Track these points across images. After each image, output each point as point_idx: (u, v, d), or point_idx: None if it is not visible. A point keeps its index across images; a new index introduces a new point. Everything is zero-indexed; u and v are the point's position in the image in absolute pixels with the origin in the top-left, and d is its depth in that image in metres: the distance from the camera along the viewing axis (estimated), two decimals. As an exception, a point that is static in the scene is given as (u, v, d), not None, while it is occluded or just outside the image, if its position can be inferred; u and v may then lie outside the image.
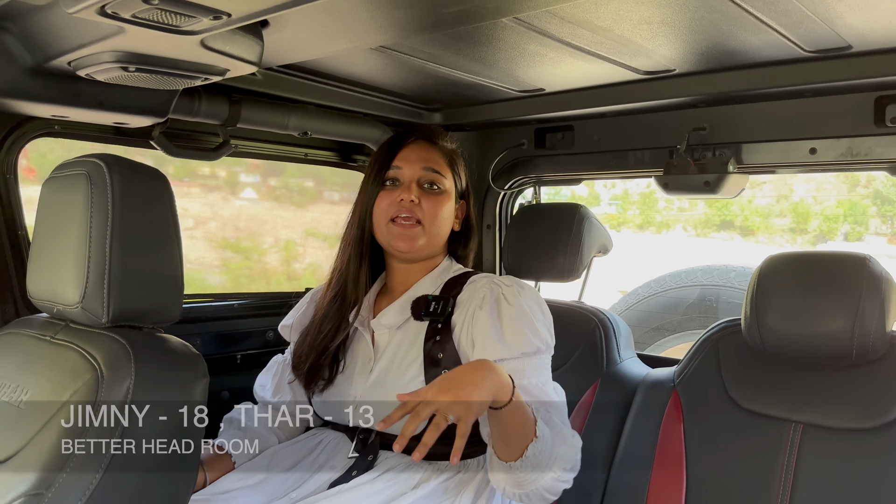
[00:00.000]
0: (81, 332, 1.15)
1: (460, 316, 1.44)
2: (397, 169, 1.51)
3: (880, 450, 1.34)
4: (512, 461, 1.23)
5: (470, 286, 1.49)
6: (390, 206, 1.48)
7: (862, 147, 1.58)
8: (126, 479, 1.01)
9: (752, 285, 1.48)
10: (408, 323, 1.49)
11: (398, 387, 1.42)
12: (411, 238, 1.48)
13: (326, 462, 1.47)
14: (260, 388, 1.65)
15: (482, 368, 1.20)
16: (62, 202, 1.17)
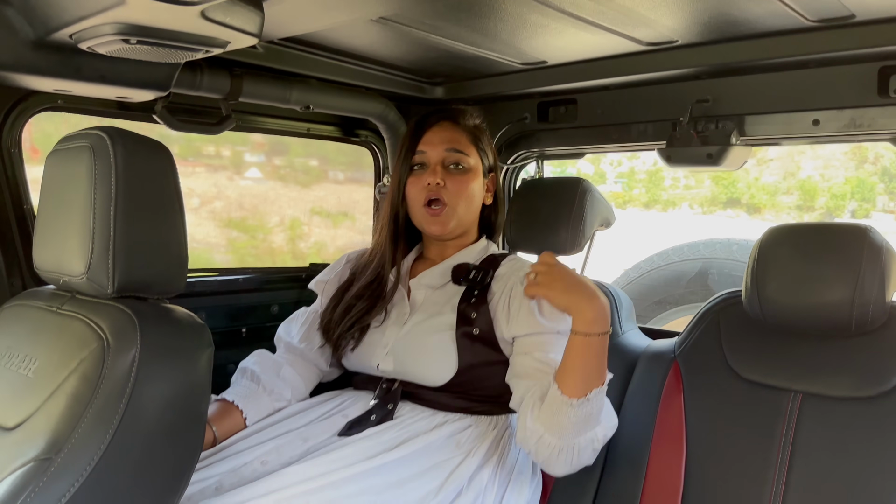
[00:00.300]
0: (87, 302, 1.17)
1: (499, 287, 1.53)
2: (422, 153, 1.59)
3: (878, 418, 1.35)
4: (575, 398, 1.29)
5: (509, 263, 1.59)
6: (420, 191, 1.57)
7: (865, 118, 1.57)
8: (133, 445, 1.02)
9: (752, 256, 1.49)
10: (445, 286, 1.57)
11: (429, 338, 1.50)
12: (443, 223, 1.57)
13: (341, 410, 1.51)
14: (285, 334, 1.69)
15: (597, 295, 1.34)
16: (66, 175, 1.18)
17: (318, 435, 1.43)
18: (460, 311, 1.50)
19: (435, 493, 1.36)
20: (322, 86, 1.89)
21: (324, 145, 2.43)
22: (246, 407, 1.53)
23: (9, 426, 1.08)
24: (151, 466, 1.05)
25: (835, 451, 1.36)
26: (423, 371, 1.49)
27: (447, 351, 1.48)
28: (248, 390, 1.57)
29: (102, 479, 0.99)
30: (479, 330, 1.48)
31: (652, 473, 1.51)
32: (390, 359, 1.53)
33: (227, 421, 1.50)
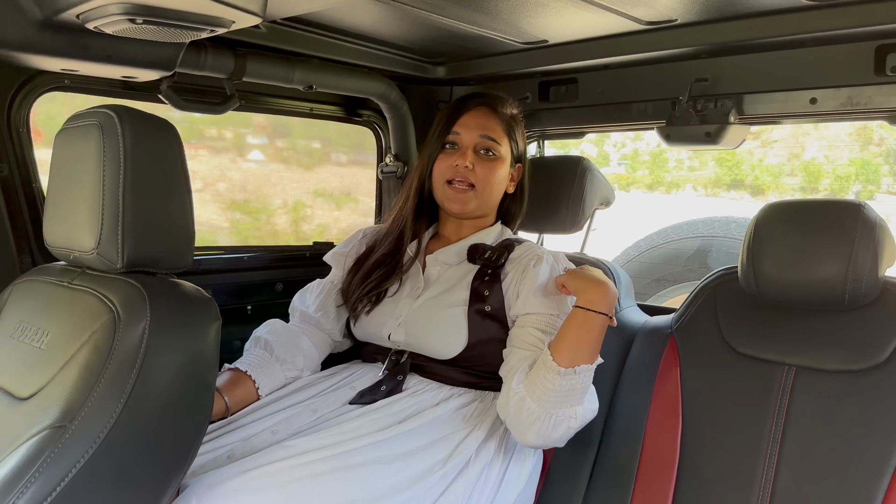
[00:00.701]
0: (97, 277, 1.20)
1: (513, 268, 1.59)
2: (456, 134, 1.64)
3: (870, 391, 1.38)
4: (563, 367, 1.36)
5: (524, 247, 1.65)
6: (447, 170, 1.62)
7: (862, 96, 1.58)
8: (144, 414, 1.06)
9: (749, 233, 1.51)
10: (461, 264, 1.63)
11: (442, 312, 1.56)
12: (463, 202, 1.62)
13: (350, 383, 1.55)
14: (301, 304, 1.73)
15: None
16: (75, 152, 1.21)
17: (328, 406, 1.47)
18: (474, 289, 1.55)
19: (442, 464, 1.39)
20: (325, 65, 1.91)
21: (326, 127, 2.44)
22: (258, 377, 1.56)
23: (24, 396, 1.12)
24: (162, 434, 1.09)
25: (827, 422, 1.39)
26: (434, 344, 1.54)
27: (458, 326, 1.52)
28: (261, 360, 1.60)
29: (115, 446, 1.02)
30: (491, 307, 1.53)
31: (648, 445, 1.54)
32: (402, 330, 1.57)
33: (239, 391, 1.53)
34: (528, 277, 1.54)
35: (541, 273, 1.54)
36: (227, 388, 1.52)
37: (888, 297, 1.43)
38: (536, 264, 1.56)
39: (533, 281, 1.52)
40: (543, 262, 1.56)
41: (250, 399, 1.54)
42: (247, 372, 1.56)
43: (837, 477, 1.35)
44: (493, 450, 1.47)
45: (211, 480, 1.19)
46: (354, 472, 1.28)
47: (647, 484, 1.52)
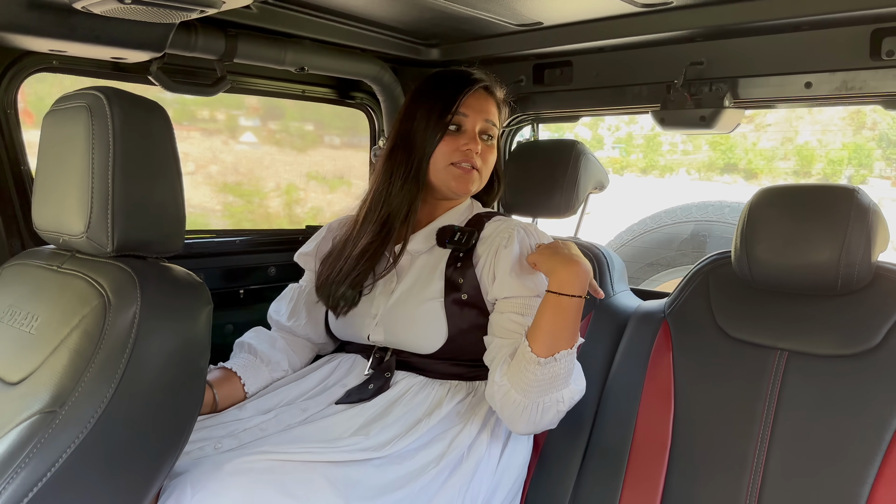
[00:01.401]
0: (87, 261, 1.19)
1: (484, 250, 1.53)
2: (463, 116, 1.56)
3: (861, 375, 1.38)
4: (542, 357, 1.34)
5: (495, 223, 1.58)
6: (454, 153, 1.55)
7: (857, 81, 1.58)
8: (135, 399, 1.05)
9: (742, 218, 1.51)
10: (431, 250, 1.57)
11: (417, 307, 1.51)
12: (469, 182, 1.57)
13: (340, 380, 1.54)
14: (275, 313, 1.71)
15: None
16: (64, 134, 1.19)
17: (317, 406, 1.46)
18: (447, 277, 1.51)
19: (436, 462, 1.39)
20: (317, 47, 1.89)
21: (319, 109, 2.42)
22: (246, 376, 1.57)
23: (13, 381, 1.11)
24: (153, 420, 1.08)
25: (818, 406, 1.40)
26: (414, 340, 1.51)
27: (437, 319, 1.49)
28: (248, 361, 1.60)
29: (106, 431, 1.02)
30: (467, 295, 1.50)
31: (640, 429, 1.55)
32: (380, 329, 1.54)
33: (227, 387, 1.54)
34: (501, 259, 1.50)
35: (513, 252, 1.49)
36: (217, 382, 1.53)
37: (881, 282, 1.43)
38: (508, 243, 1.51)
39: (506, 262, 1.48)
40: (514, 240, 1.51)
41: (237, 397, 1.54)
42: (234, 370, 1.56)
43: (828, 460, 1.36)
44: (486, 442, 1.47)
45: (206, 466, 1.19)
46: (348, 468, 1.28)
47: (638, 468, 1.53)
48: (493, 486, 1.47)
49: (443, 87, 1.59)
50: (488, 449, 1.47)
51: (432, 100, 1.57)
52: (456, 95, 1.56)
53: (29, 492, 0.96)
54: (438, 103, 1.56)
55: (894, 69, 1.53)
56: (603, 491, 1.54)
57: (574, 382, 1.41)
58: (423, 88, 1.61)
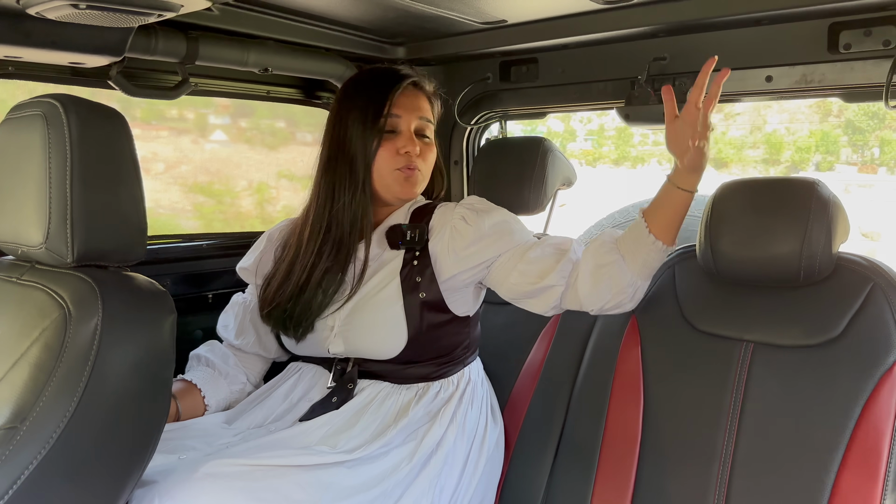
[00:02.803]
0: (47, 272, 1.17)
1: (437, 239, 1.50)
2: (396, 118, 1.51)
3: (825, 365, 1.40)
4: (670, 245, 1.43)
5: (439, 211, 1.56)
6: (394, 158, 1.50)
7: (816, 74, 1.60)
8: (99, 413, 1.04)
9: (706, 211, 1.53)
10: (385, 253, 1.53)
11: (377, 314, 1.48)
12: (413, 185, 1.54)
13: (305, 395, 1.52)
14: (223, 329, 1.68)
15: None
16: (19, 144, 1.17)
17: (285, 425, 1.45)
18: (403, 279, 1.48)
19: (408, 459, 1.39)
20: (280, 47, 1.87)
21: (290, 107, 2.41)
22: (206, 389, 1.56)
23: (-27, 396, 1.09)
24: (118, 432, 1.07)
25: (784, 396, 1.42)
26: (374, 347, 1.48)
27: (396, 323, 1.46)
28: (207, 374, 1.59)
29: (70, 447, 1.01)
30: (426, 293, 1.48)
31: (611, 423, 1.56)
32: (339, 340, 1.50)
33: (189, 399, 1.53)
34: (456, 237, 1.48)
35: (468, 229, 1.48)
36: (179, 395, 1.52)
37: (842, 273, 1.46)
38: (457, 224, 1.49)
39: (463, 236, 1.48)
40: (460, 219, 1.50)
41: (199, 409, 1.53)
42: (194, 383, 1.55)
43: (795, 448, 1.38)
44: (453, 436, 1.47)
45: (174, 476, 1.18)
46: (319, 472, 1.27)
47: (610, 461, 1.54)
48: (462, 479, 1.48)
49: (371, 89, 1.52)
50: (455, 442, 1.47)
51: (362, 103, 1.50)
52: (386, 96, 1.50)
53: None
54: (370, 107, 1.49)
55: (851, 62, 1.56)
56: (576, 484, 1.56)
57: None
58: (351, 91, 1.55)
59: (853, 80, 1.57)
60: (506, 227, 1.50)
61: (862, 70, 1.55)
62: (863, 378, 1.36)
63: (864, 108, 10.25)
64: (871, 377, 1.35)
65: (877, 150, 11.31)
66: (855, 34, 1.54)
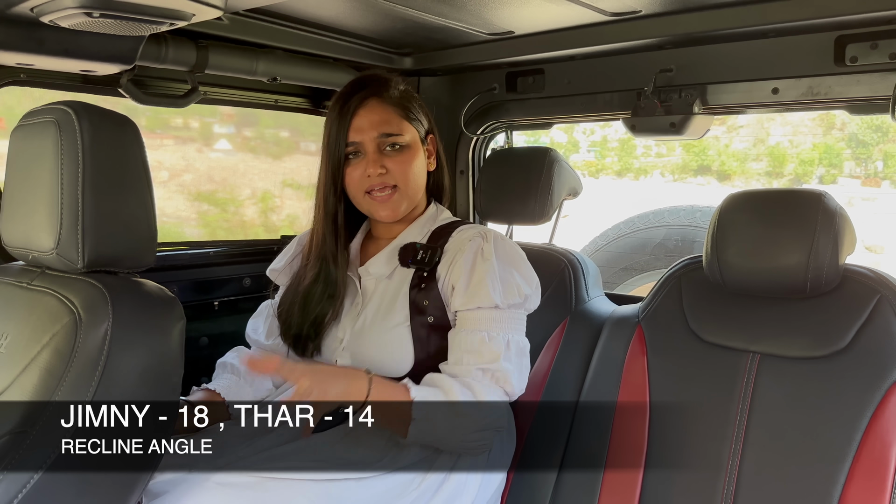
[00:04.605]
0: (58, 277, 1.17)
1: (445, 265, 1.47)
2: (354, 144, 1.47)
3: (832, 376, 1.40)
4: (402, 437, 1.33)
5: (457, 235, 1.51)
6: (361, 181, 1.48)
7: (822, 86, 1.61)
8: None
9: (713, 222, 1.53)
10: (395, 271, 1.51)
11: (384, 335, 1.47)
12: (393, 208, 1.49)
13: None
14: (252, 332, 1.67)
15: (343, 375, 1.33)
16: (32, 150, 1.18)
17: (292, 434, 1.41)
18: (412, 300, 1.46)
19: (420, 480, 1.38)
20: (289, 57, 1.89)
21: (295, 116, 2.42)
22: (230, 397, 1.53)
23: (-17, 401, 1.09)
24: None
25: (791, 408, 1.42)
26: (381, 366, 1.46)
27: (403, 346, 1.45)
28: (231, 382, 1.57)
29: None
30: (434, 318, 1.45)
31: (617, 434, 1.56)
32: (347, 354, 1.50)
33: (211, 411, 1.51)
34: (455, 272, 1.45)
35: (464, 265, 1.43)
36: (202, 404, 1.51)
37: (848, 284, 1.46)
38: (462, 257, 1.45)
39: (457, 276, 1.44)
40: (467, 254, 1.45)
41: (221, 417, 1.52)
42: (217, 392, 1.54)
43: (801, 461, 1.38)
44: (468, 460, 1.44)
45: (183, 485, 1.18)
46: (329, 486, 1.27)
47: (616, 471, 1.54)
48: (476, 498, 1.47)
49: (332, 114, 1.50)
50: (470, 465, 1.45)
51: (327, 130, 1.50)
52: (342, 124, 1.47)
53: (0, 514, 0.95)
54: (331, 135, 1.48)
55: (858, 75, 1.57)
56: (581, 496, 1.55)
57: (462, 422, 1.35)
58: (329, 111, 1.53)
59: (859, 92, 1.57)
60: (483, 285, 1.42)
61: (868, 83, 1.55)
62: (870, 390, 1.36)
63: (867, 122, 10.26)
64: (879, 389, 1.35)
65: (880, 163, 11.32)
66: (861, 47, 1.55)
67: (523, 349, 1.46)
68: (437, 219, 1.58)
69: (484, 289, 1.41)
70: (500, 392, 1.41)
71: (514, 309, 1.45)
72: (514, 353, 1.43)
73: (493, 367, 1.39)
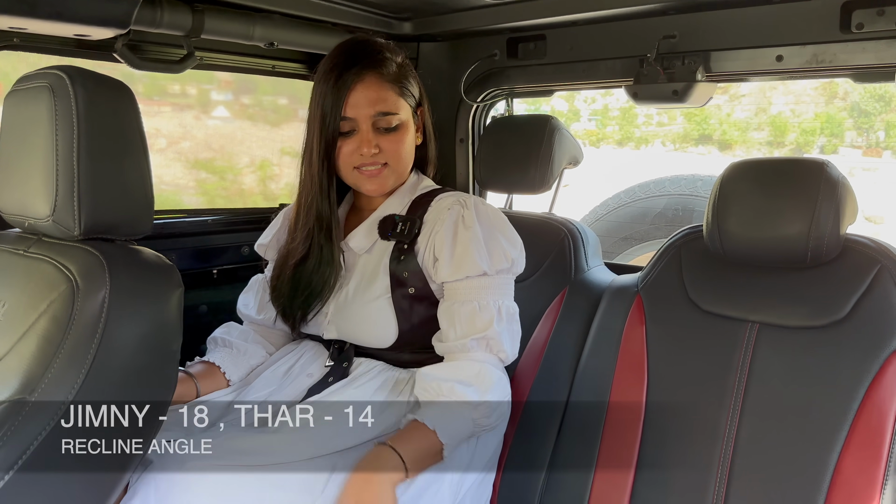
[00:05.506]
0: (54, 245, 1.17)
1: (425, 236, 1.47)
2: (349, 120, 1.45)
3: (830, 346, 1.41)
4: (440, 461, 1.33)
5: (436, 204, 1.50)
6: (352, 156, 1.46)
7: (827, 54, 1.59)
8: (107, 385, 1.05)
9: (714, 191, 1.52)
10: (375, 244, 1.51)
11: (367, 307, 1.47)
12: (381, 183, 1.48)
13: (304, 370, 1.52)
14: (244, 307, 1.67)
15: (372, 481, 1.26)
16: (26, 116, 1.16)
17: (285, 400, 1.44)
18: (392, 272, 1.46)
19: None
20: (286, 21, 1.85)
21: (293, 83, 2.39)
22: (226, 366, 1.55)
23: (-19, 368, 1.10)
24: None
25: (789, 377, 1.42)
26: (366, 338, 1.48)
27: (386, 318, 1.45)
28: (226, 353, 1.58)
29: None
30: (415, 289, 1.45)
31: (615, 401, 1.57)
32: (333, 327, 1.51)
33: (209, 379, 1.52)
34: (436, 244, 1.44)
35: (445, 236, 1.42)
36: (199, 376, 1.52)
37: (849, 255, 1.45)
38: (442, 227, 1.44)
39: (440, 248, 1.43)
40: (448, 224, 1.43)
41: (220, 386, 1.53)
42: (214, 362, 1.54)
43: (798, 429, 1.38)
44: None
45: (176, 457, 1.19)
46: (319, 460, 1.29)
47: (613, 439, 1.55)
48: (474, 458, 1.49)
49: (326, 85, 1.45)
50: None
51: (319, 102, 1.45)
52: (338, 98, 1.43)
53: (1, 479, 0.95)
54: (325, 108, 1.44)
55: (864, 42, 1.54)
56: (579, 460, 1.57)
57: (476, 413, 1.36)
58: (318, 79, 1.48)
59: (865, 60, 1.55)
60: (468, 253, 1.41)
61: (874, 50, 1.53)
62: (868, 359, 1.36)
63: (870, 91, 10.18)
64: (877, 358, 1.36)
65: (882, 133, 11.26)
66: (868, 13, 1.52)
67: (514, 314, 1.46)
68: (418, 188, 1.57)
69: (469, 257, 1.40)
70: (495, 360, 1.42)
71: (502, 274, 1.45)
72: (506, 320, 1.43)
73: (487, 336, 1.40)
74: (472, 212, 1.45)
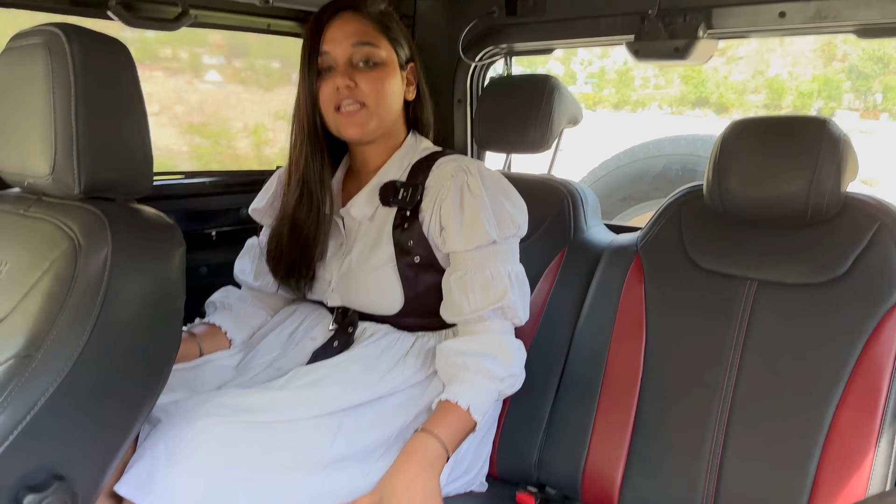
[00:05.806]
0: (55, 204, 1.16)
1: (429, 204, 1.44)
2: (326, 54, 1.42)
3: (828, 303, 1.42)
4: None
5: (438, 170, 1.47)
6: (331, 96, 1.42)
7: (830, 9, 1.57)
8: (111, 342, 1.05)
9: (715, 149, 1.51)
10: (377, 211, 1.49)
11: (371, 275, 1.46)
12: (360, 124, 1.43)
13: (308, 333, 1.53)
14: (241, 273, 1.66)
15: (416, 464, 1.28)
16: (21, 73, 1.15)
17: (290, 364, 1.46)
18: (396, 241, 1.45)
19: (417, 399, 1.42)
20: (281, -23, 1.83)
21: (285, 46, 2.36)
22: (228, 327, 1.57)
23: (-15, 327, 1.10)
24: (130, 362, 1.08)
25: (787, 334, 1.44)
26: (371, 306, 1.48)
27: (391, 286, 1.44)
28: (226, 315, 1.59)
29: (83, 375, 1.02)
30: (420, 257, 1.44)
31: (613, 360, 1.59)
32: (336, 295, 1.50)
33: (211, 339, 1.54)
34: (443, 213, 1.41)
35: (452, 205, 1.40)
36: (201, 336, 1.53)
37: (849, 212, 1.46)
38: (448, 195, 1.41)
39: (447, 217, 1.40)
40: (454, 192, 1.41)
41: (222, 347, 1.55)
42: (216, 324, 1.56)
43: (795, 385, 1.40)
44: None
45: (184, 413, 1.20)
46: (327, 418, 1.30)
47: (611, 396, 1.57)
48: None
49: (307, 32, 1.44)
50: None
51: (303, 45, 1.44)
52: (315, 35, 1.42)
53: (9, 435, 0.96)
54: (306, 48, 1.43)
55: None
56: (578, 417, 1.59)
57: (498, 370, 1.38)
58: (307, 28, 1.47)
59: (869, 16, 1.54)
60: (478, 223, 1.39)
61: (878, 6, 1.52)
62: (866, 316, 1.37)
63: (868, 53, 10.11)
64: (875, 315, 1.37)
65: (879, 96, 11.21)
66: (872, -32, 1.50)
67: (523, 278, 1.47)
68: (417, 150, 1.54)
69: (479, 226, 1.39)
70: (509, 325, 1.43)
71: (510, 240, 1.45)
72: (518, 285, 1.44)
73: (503, 305, 1.40)
74: (477, 178, 1.42)
